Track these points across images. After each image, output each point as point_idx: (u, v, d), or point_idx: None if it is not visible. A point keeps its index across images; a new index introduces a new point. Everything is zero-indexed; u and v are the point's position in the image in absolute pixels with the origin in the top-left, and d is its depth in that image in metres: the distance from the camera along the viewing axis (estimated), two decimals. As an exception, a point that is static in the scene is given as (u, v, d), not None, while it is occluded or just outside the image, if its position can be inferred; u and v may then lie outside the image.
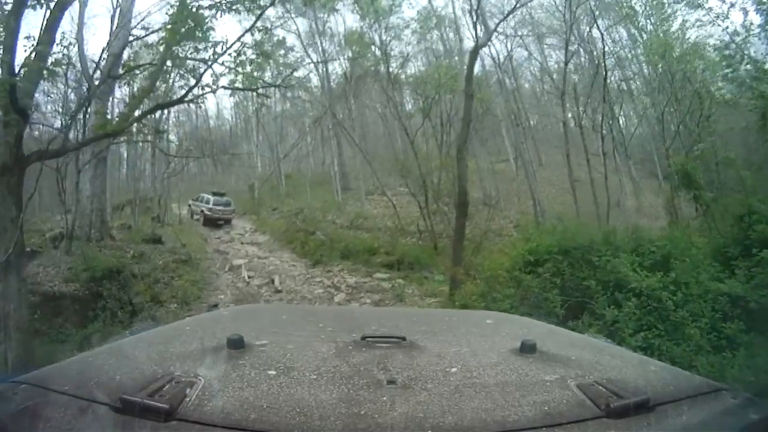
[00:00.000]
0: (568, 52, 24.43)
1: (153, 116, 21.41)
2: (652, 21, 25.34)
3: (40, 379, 1.40)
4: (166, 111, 26.81)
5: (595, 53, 27.07)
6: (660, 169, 27.49)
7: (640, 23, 26.41)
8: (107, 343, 2.08)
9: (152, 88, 12.72)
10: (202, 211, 26.90)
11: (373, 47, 27.11)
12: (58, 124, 16.17)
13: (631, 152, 28.31)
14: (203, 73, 11.60)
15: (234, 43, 11.60)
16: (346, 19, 32.08)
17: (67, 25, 16.09)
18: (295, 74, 28.56)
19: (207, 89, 12.15)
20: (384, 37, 26.92)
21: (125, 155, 31.48)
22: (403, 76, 27.93)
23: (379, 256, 17.84)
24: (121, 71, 13.24)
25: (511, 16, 22.06)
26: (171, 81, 14.44)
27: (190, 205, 28.92)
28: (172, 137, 29.86)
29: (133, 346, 1.80)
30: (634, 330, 7.67)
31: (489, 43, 19.44)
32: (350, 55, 30.17)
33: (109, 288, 12.70)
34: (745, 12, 14.90)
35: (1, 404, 1.30)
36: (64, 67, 11.38)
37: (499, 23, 18.58)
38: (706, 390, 1.52)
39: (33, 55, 9.22)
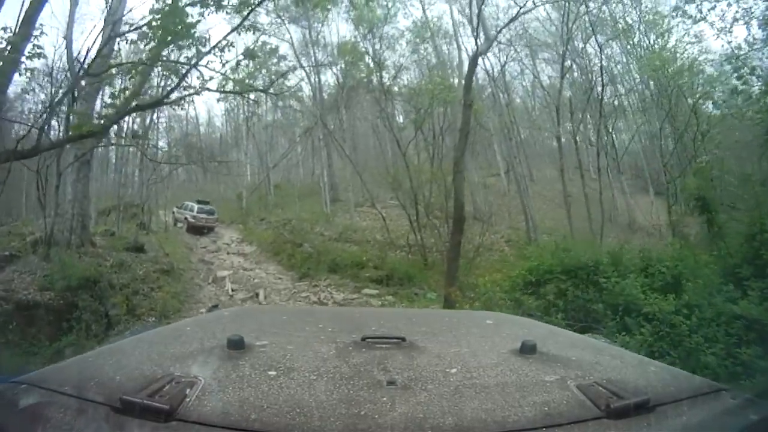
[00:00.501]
0: (564, 66, 24.07)
1: (141, 120, 20.78)
2: (650, 36, 25.10)
3: (40, 380, 1.39)
4: (154, 116, 26.35)
5: (590, 67, 26.81)
6: (651, 185, 27.78)
7: (637, 38, 26.18)
8: (107, 343, 2.19)
9: (140, 90, 12.05)
10: (185, 218, 26.87)
11: (366, 57, 26.60)
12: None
13: (623, 168, 27.86)
14: (185, 74, 10.96)
15: (219, 42, 10.97)
16: (339, 30, 31.73)
17: (54, 21, 15.52)
18: (287, 83, 28.40)
19: (190, 91, 11.47)
20: (378, 47, 26.46)
21: (114, 159, 30.92)
22: (396, 88, 27.43)
23: (367, 270, 17.19)
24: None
25: (506, 28, 21.69)
26: (157, 83, 13.83)
27: (174, 213, 28.71)
28: (161, 143, 29.41)
29: (133, 347, 1.78)
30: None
31: (485, 54, 18.79)
32: (343, 65, 29.80)
33: (84, 299, 11.97)
34: (749, 26, 14.56)
35: (1, 404, 1.30)
36: (43, 61, 10.66)
37: (500, 30, 18.09)
38: (706, 390, 1.53)
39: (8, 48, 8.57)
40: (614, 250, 10.12)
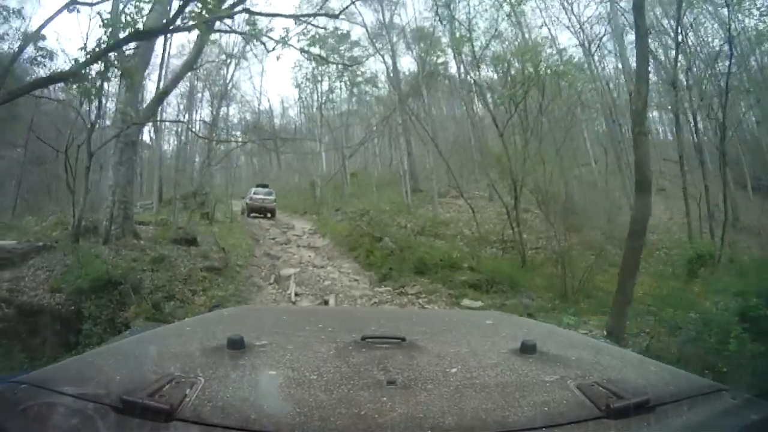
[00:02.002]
0: (681, 26, 19.44)
1: (211, 110, 17.71)
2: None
3: (40, 380, 1.30)
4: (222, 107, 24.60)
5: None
6: (750, 179, 25.14)
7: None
8: (107, 343, 2.06)
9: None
10: (246, 203, 26.76)
11: (454, 25, 22.73)
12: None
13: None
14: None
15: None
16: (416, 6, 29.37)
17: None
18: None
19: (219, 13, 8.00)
20: (468, 11, 22.28)
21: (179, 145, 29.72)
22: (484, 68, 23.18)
23: (462, 272, 13.20)
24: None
25: None
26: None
27: (242, 203, 27.95)
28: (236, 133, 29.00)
29: (133, 346, 1.71)
30: None
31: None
32: (419, 49, 27.73)
33: (98, 305, 8.86)
34: None
35: (1, 404, 1.22)
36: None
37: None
38: (706, 390, 1.46)
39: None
40: None
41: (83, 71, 7.89)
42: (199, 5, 7.16)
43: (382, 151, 38.76)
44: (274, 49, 12.66)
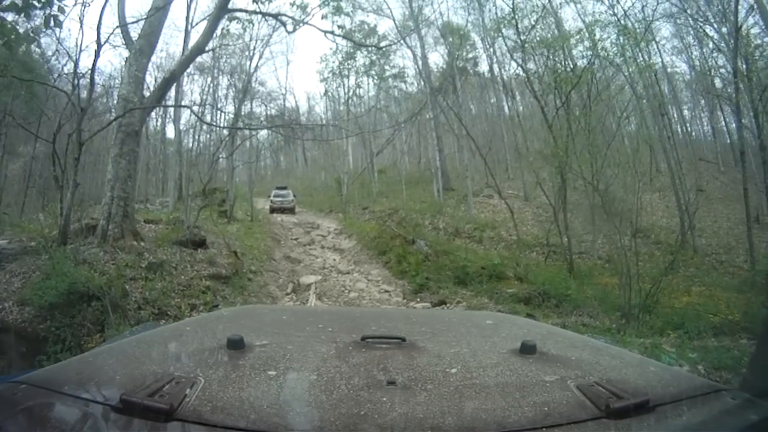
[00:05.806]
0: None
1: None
2: None
3: (40, 379, 1.26)
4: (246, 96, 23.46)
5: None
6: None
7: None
8: (107, 342, 1.95)
9: None
10: (269, 204, 27.29)
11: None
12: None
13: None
14: None
15: None
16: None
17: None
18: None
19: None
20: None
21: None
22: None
23: (508, 282, 11.22)
24: None
25: None
26: None
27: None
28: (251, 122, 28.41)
29: (133, 346, 1.63)
30: None
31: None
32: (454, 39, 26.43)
33: (69, 323, 7.05)
34: None
35: (1, 404, 1.16)
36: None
37: None
38: (706, 390, 1.38)
39: None
40: None
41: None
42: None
43: (411, 148, 37.36)
44: (295, 29, 10.90)
